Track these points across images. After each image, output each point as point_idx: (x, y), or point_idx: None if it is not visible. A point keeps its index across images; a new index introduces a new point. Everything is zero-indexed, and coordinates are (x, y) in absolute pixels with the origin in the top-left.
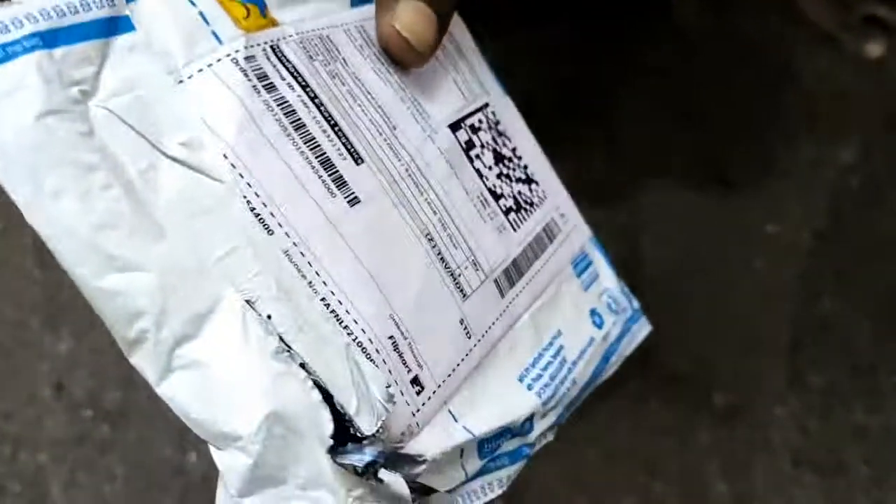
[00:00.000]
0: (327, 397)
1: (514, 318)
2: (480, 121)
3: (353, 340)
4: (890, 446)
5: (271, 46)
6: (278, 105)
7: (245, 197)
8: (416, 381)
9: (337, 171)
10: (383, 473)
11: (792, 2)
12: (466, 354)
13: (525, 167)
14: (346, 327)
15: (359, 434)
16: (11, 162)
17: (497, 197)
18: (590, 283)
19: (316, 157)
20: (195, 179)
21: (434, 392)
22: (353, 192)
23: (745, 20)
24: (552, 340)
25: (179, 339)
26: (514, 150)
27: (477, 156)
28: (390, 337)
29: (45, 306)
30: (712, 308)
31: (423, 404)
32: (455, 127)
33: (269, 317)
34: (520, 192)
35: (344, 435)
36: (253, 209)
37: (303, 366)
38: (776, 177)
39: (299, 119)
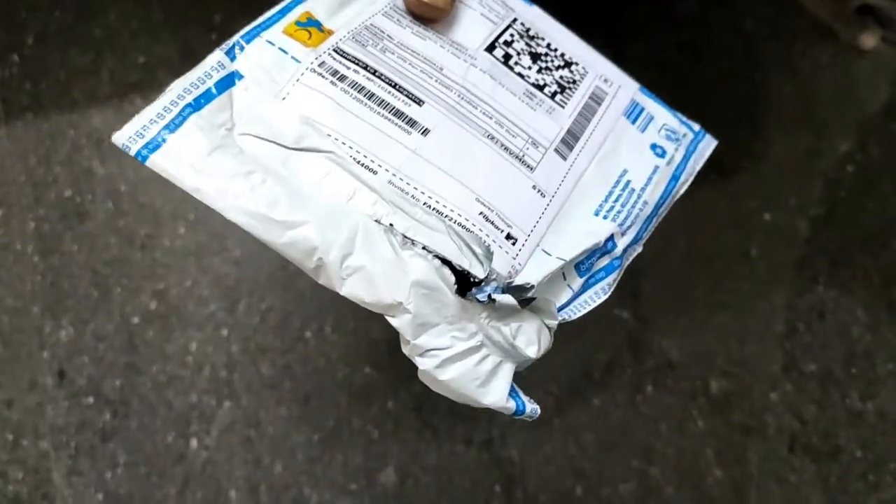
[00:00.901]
0: (447, 263)
1: (580, 172)
2: (512, 35)
3: (453, 222)
4: (885, 431)
5: (334, 49)
6: (351, 87)
7: (351, 156)
8: (509, 236)
9: (407, 115)
10: (496, 296)
11: None
12: (546, 208)
13: (562, 55)
14: (446, 216)
15: (476, 279)
16: (204, 184)
17: (541, 87)
18: (646, 125)
19: (389, 112)
20: (314, 157)
21: (526, 240)
22: (423, 126)
23: (742, 12)
24: (619, 178)
25: (343, 257)
26: (548, 45)
27: (516, 63)
28: (480, 213)
29: (46, 294)
30: (708, 295)
31: (520, 250)
32: (491, 48)
33: (391, 225)
34: (561, 77)
35: (469, 283)
36: (358, 161)
37: (424, 248)
38: (772, 165)
39: (369, 91)
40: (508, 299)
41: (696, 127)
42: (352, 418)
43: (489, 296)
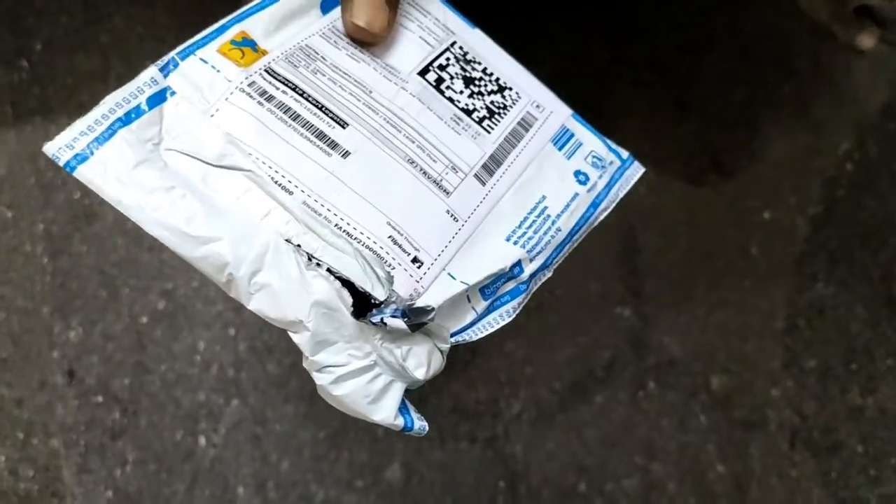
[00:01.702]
0: (349, 285)
1: (497, 198)
2: (447, 58)
3: (361, 245)
4: (885, 426)
5: (265, 69)
6: (277, 108)
7: (269, 175)
8: (415, 259)
9: (329, 137)
10: (388, 320)
11: None
12: (457, 233)
13: (497, 80)
14: (355, 238)
15: (376, 301)
16: (125, 196)
17: (470, 112)
18: (573, 152)
19: (312, 134)
20: (234, 174)
21: (432, 264)
22: (344, 149)
23: (741, 13)
24: (536, 205)
25: (252, 273)
26: (484, 69)
27: (447, 87)
28: (389, 236)
29: (55, 294)
30: (709, 293)
31: (424, 273)
32: (424, 72)
33: (298, 245)
34: (492, 102)
35: (370, 304)
36: (276, 181)
37: (329, 270)
38: (771, 164)
39: (294, 112)
40: (399, 324)
41: (625, 154)
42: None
43: (382, 319)
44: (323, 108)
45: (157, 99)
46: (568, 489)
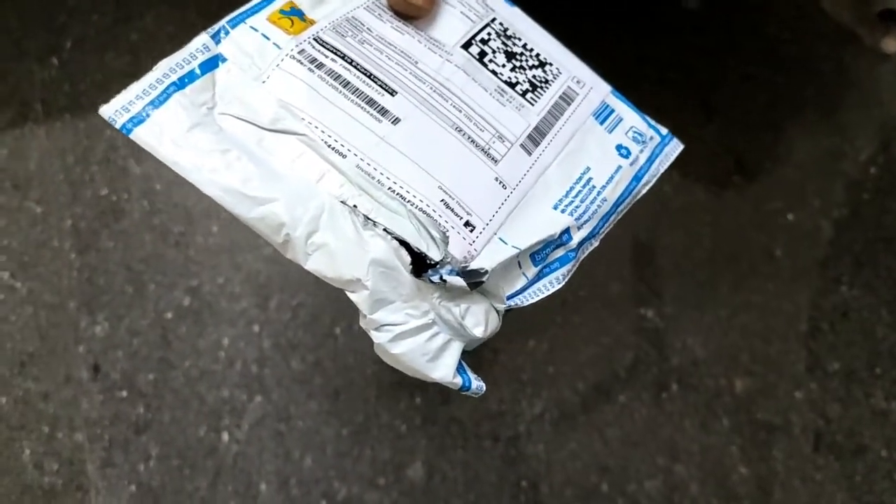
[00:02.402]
0: (405, 244)
1: (543, 168)
2: (489, 33)
3: (415, 207)
4: None
5: (314, 38)
6: (328, 74)
7: (322, 139)
8: (467, 223)
9: (379, 104)
10: (448, 277)
11: None
12: (506, 199)
13: (537, 55)
14: (408, 201)
15: (432, 262)
16: (181, 157)
17: (513, 85)
18: (614, 127)
19: (362, 100)
20: (288, 138)
21: (484, 228)
22: (394, 115)
23: (765, 16)
24: (581, 175)
25: (309, 234)
26: (524, 45)
27: (490, 60)
28: (441, 200)
29: (82, 290)
30: (732, 295)
31: (477, 237)
32: (467, 45)
33: (354, 206)
34: (534, 76)
35: (425, 265)
36: (329, 145)
37: (385, 229)
38: (796, 167)
39: (344, 79)
40: (459, 281)
41: (664, 131)
42: (380, 413)
43: (441, 277)
44: (371, 77)
45: (210, 65)
46: (590, 489)
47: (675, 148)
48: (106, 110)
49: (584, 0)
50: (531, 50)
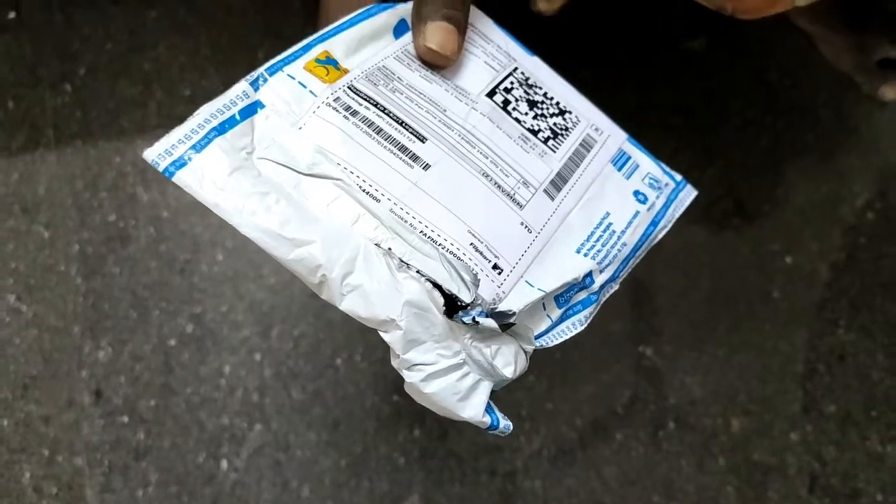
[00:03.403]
0: (437, 287)
1: (566, 213)
2: (512, 83)
3: (446, 251)
4: None
5: (348, 87)
6: (362, 122)
7: (357, 184)
8: (495, 266)
9: (410, 150)
10: (480, 319)
11: (812, 45)
12: (531, 243)
13: (557, 103)
14: (439, 245)
15: (463, 303)
16: (222, 200)
17: (535, 132)
18: (631, 173)
19: (395, 147)
20: (324, 182)
21: (511, 271)
22: (424, 161)
23: (766, 62)
24: (601, 220)
25: (344, 275)
26: (545, 94)
27: (514, 108)
28: (471, 243)
29: (87, 315)
30: (730, 335)
31: (504, 280)
32: (492, 94)
33: (389, 249)
34: (555, 124)
35: (455, 307)
36: (364, 189)
37: (418, 272)
38: (794, 211)
39: (377, 126)
40: (491, 323)
41: (678, 177)
42: (379, 445)
43: (474, 318)
44: (403, 124)
45: (249, 111)
46: None
47: (689, 194)
48: (149, 154)
49: (584, 47)
50: (551, 98)
